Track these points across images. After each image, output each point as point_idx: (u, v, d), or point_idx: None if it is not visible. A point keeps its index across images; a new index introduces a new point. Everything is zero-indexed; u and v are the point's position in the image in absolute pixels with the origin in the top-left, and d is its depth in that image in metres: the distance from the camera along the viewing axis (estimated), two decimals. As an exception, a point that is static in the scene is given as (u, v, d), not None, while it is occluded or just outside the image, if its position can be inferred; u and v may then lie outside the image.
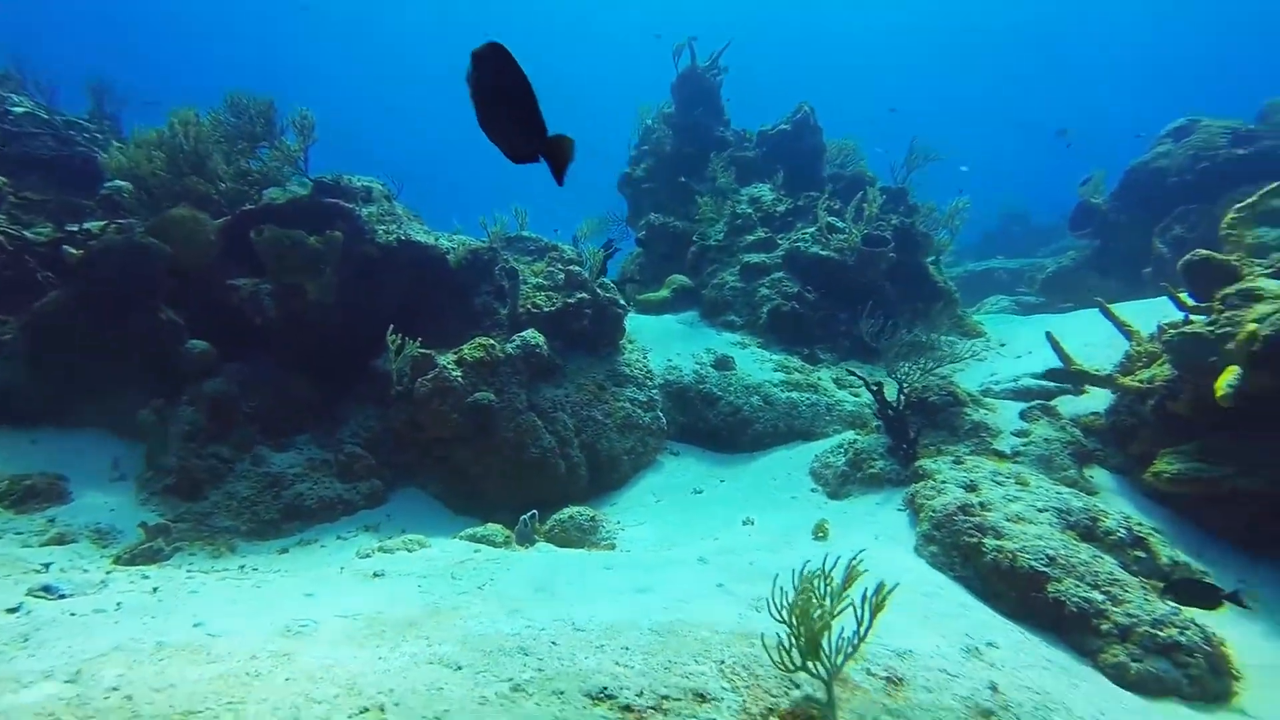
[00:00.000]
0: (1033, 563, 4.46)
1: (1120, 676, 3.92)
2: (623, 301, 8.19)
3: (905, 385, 6.79)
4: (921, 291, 10.18)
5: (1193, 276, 5.47)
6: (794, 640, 2.89)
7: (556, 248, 8.48)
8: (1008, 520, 4.87)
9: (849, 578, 3.12)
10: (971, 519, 4.90)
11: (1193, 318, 5.32)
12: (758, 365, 8.72)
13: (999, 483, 5.41)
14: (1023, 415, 6.79)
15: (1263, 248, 6.92)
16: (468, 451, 6.22)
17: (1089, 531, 4.91)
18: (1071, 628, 4.22)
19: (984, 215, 24.97)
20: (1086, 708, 3.60)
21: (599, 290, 7.81)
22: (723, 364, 8.47)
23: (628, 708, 2.81)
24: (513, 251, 8.57)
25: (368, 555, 4.33)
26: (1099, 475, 6.03)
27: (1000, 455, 6.23)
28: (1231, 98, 14.55)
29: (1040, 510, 5.01)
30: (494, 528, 5.37)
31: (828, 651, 2.95)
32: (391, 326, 6.05)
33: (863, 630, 2.98)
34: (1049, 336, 6.91)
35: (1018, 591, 4.45)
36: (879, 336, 7.73)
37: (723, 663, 3.20)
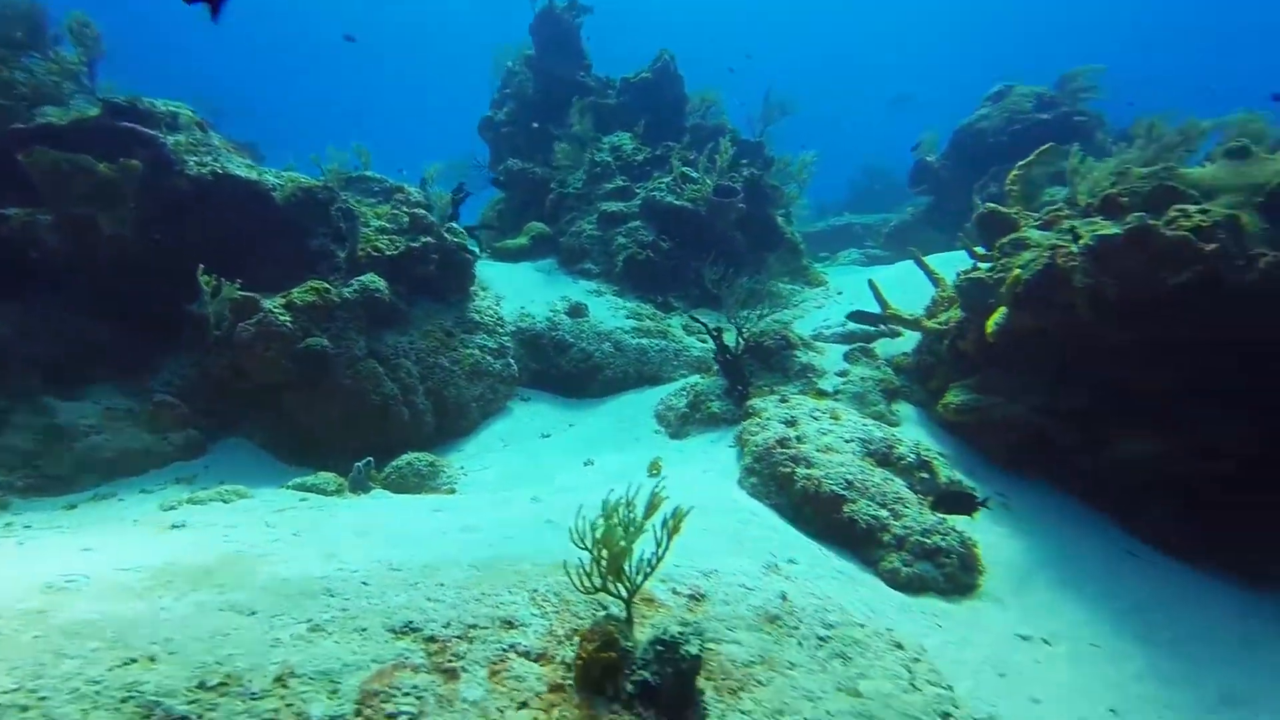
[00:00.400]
0: (834, 487, 4.97)
1: (894, 579, 4.51)
2: (473, 247, 8.02)
3: (744, 330, 7.19)
4: (769, 242, 10.70)
5: (983, 228, 6.15)
6: (595, 564, 3.09)
7: (402, 189, 8.10)
8: (818, 451, 5.37)
9: (651, 505, 3.34)
10: (787, 451, 5.35)
11: (979, 265, 6.00)
12: (611, 313, 8.89)
13: (815, 418, 5.92)
14: (846, 357, 7.42)
15: (1050, 204, 7.84)
16: (300, 399, 5.96)
17: (885, 458, 5.51)
18: (861, 542, 4.78)
19: (853, 172, 26.24)
20: (860, 606, 4.12)
21: (447, 235, 7.59)
22: (576, 311, 8.56)
23: (432, 639, 2.90)
24: (355, 193, 8.10)
25: (172, 508, 4.10)
26: (903, 409, 6.74)
27: (823, 394, 6.80)
28: (1049, 62, 16.01)
29: (847, 441, 5.56)
30: (326, 476, 5.23)
31: (629, 573, 3.18)
32: (202, 267, 5.58)
33: (660, 551, 3.23)
34: (870, 284, 7.53)
35: (821, 514, 4.95)
36: (720, 283, 8.09)
37: (536, 591, 3.37)
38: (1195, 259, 4.00)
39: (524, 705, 2.71)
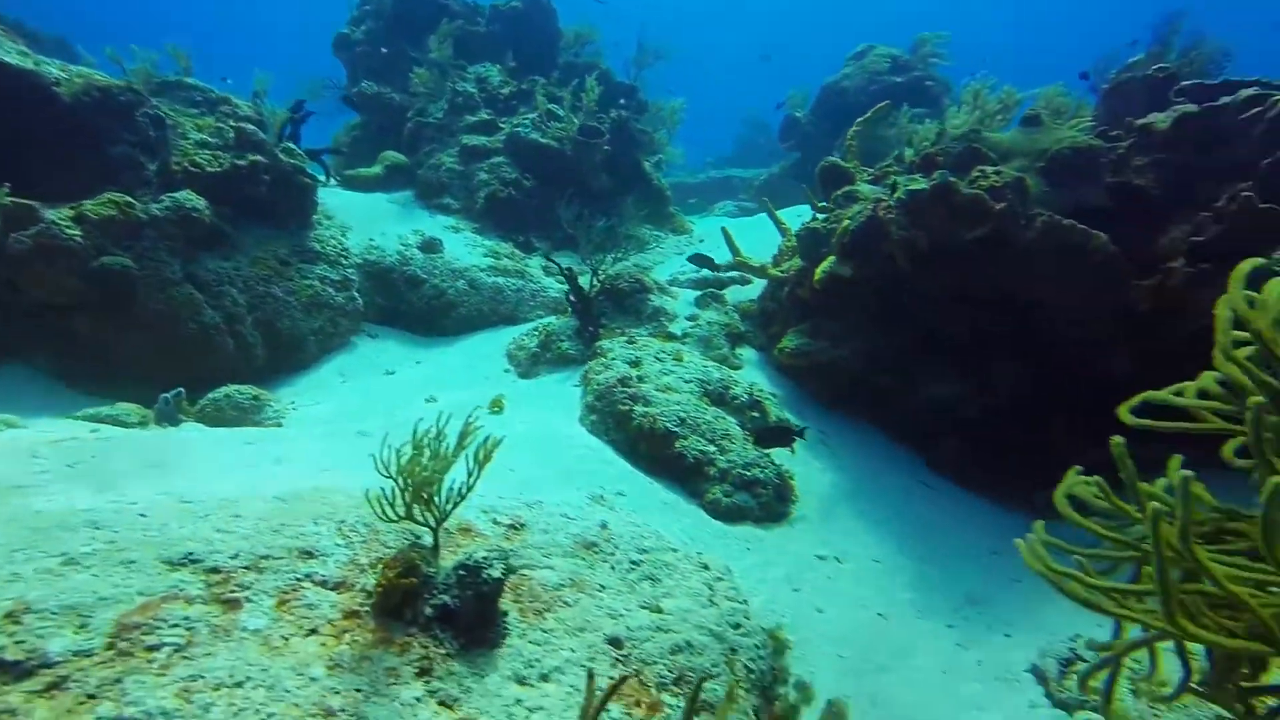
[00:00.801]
0: (668, 424, 5.16)
1: (715, 509, 4.80)
2: (315, 172, 7.42)
3: (599, 272, 7.20)
4: (635, 187, 10.70)
5: (823, 181, 6.46)
6: (400, 493, 3.03)
7: (229, 101, 7.31)
8: (658, 390, 5.54)
9: (463, 435, 3.31)
10: (628, 390, 5.48)
11: (818, 216, 6.32)
12: (468, 250, 8.60)
13: (659, 359, 6.08)
14: (696, 302, 7.64)
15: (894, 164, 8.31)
16: (98, 323, 5.35)
17: (721, 398, 5.78)
18: (689, 475, 5.02)
19: (739, 126, 26.43)
20: (679, 534, 4.36)
21: (281, 155, 6.96)
22: (430, 246, 8.21)
23: (215, 570, 2.76)
24: (173, 101, 7.20)
25: (-91, 441, 3.58)
26: (747, 353, 7.07)
27: (671, 337, 6.98)
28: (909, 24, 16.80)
29: (686, 381, 5.76)
30: (127, 407, 4.76)
31: (438, 502, 3.15)
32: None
33: (471, 481, 3.22)
34: (723, 231, 7.75)
35: (654, 449, 5.14)
36: (576, 224, 8.02)
37: (344, 523, 3.27)
38: (987, 216, 4.42)
39: (313, 632, 2.65)
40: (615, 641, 3.11)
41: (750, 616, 3.61)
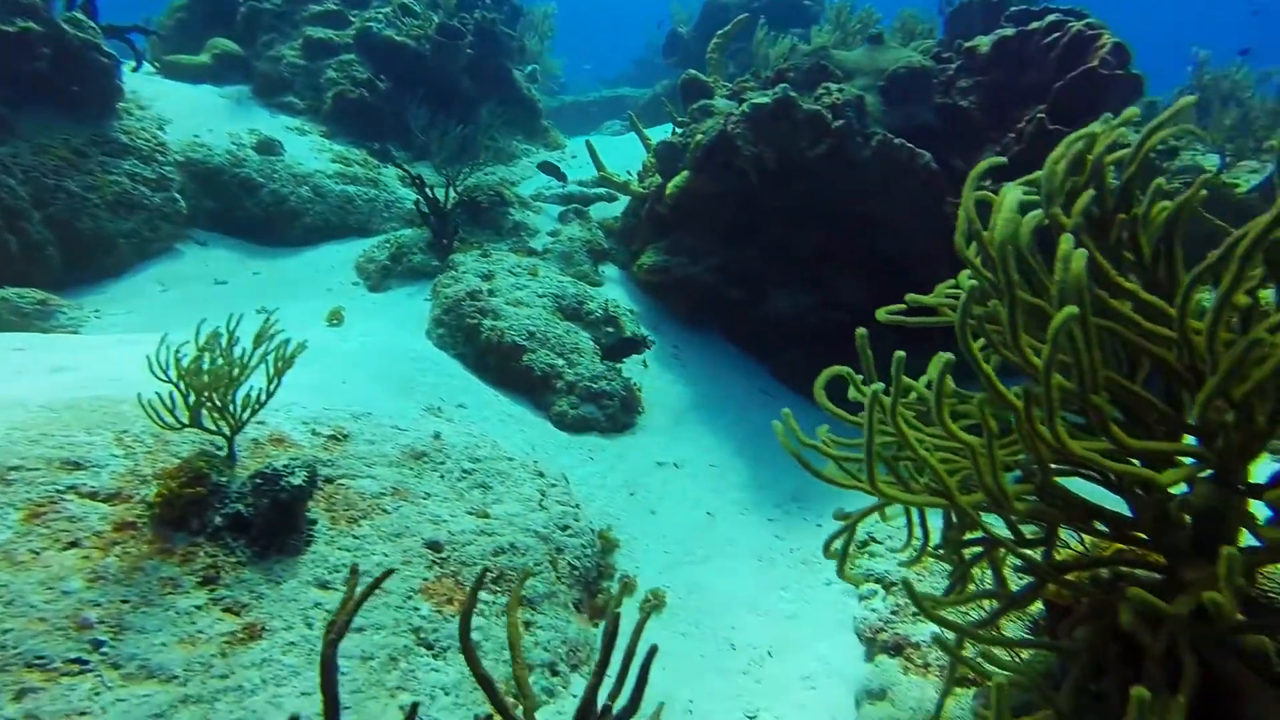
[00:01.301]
0: (516, 338, 5.05)
1: (561, 421, 4.80)
2: (112, 51, 6.43)
3: (455, 183, 6.82)
4: (505, 96, 10.13)
5: (685, 94, 6.34)
6: (180, 397, 2.78)
7: (-3, -45, 6.11)
8: (509, 305, 5.39)
9: (259, 337, 3.07)
10: (477, 303, 5.29)
11: (676, 130, 6.24)
12: (314, 154, 7.87)
13: (514, 274, 5.90)
14: (560, 217, 7.44)
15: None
16: None
17: (575, 313, 5.72)
18: (538, 388, 4.98)
19: (638, 45, 25.45)
20: (521, 444, 4.34)
21: (67, 27, 5.96)
22: (267, 148, 7.43)
23: (-58, 484, 2.44)
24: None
25: None
26: (609, 269, 7.01)
27: (532, 252, 6.79)
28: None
29: (540, 296, 5.64)
30: None
31: (233, 410, 2.92)
32: None
33: (271, 388, 3.01)
34: (588, 145, 7.51)
35: (502, 362, 5.03)
36: (429, 131, 7.52)
37: (126, 433, 2.98)
38: (827, 133, 4.50)
39: (74, 545, 2.42)
40: (434, 545, 3.08)
41: (580, 519, 3.68)
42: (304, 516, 2.89)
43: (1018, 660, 2.06)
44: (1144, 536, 1.69)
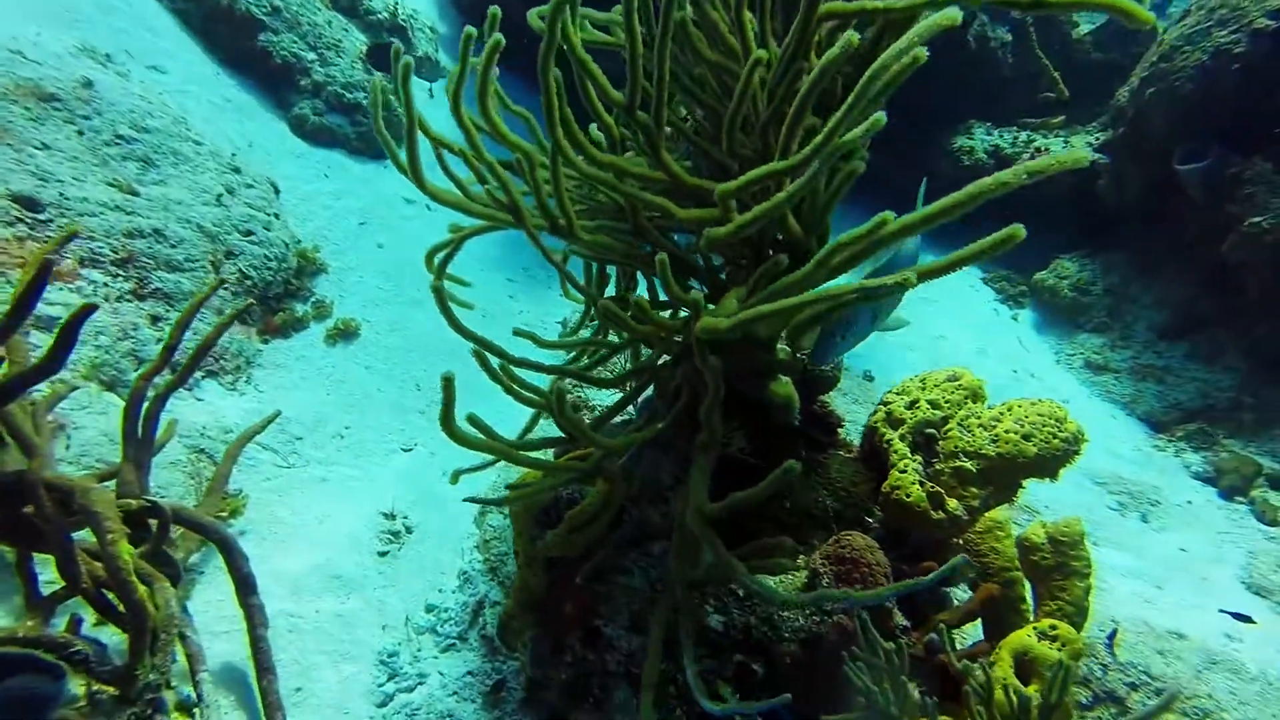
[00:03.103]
0: (253, 8, 4.02)
1: (300, 126, 4.03)
2: None
3: None
4: None
5: None
6: None
7: None
8: (256, -36, 4.23)
9: None
10: (210, -51, 4.09)
11: None
12: None
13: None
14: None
15: None
16: None
17: (350, 8, 4.69)
18: (278, 81, 4.09)
19: None
20: (233, 134, 3.57)
21: None
22: None
23: None
24: None
25: None
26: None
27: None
28: None
29: (307, -30, 4.50)
30: None
31: None
32: None
33: None
34: None
35: (235, 36, 4.03)
36: None
37: None
38: None
39: None
40: (29, 202, 2.41)
41: (274, 229, 3.14)
42: None
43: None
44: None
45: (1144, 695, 2.27)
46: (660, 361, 1.58)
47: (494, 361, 1.48)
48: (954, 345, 4.36)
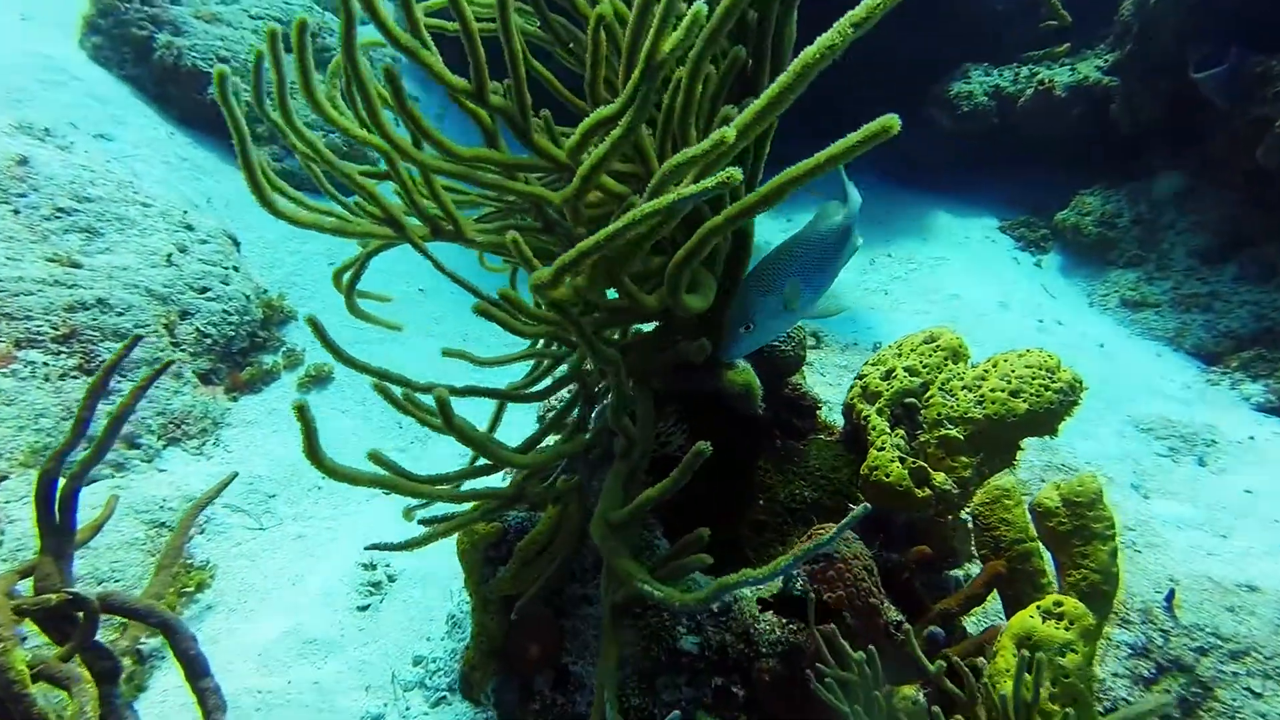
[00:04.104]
0: (200, 62, 3.95)
1: (259, 173, 3.93)
2: None
3: None
4: None
5: None
6: None
7: None
8: (197, 18, 4.18)
9: None
10: (150, 8, 4.04)
11: None
12: None
13: (223, -16, 4.57)
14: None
15: None
16: None
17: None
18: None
19: None
20: (190, 193, 3.49)
21: None
22: None
23: None
24: None
25: None
26: None
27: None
28: None
29: (253, 18, 4.43)
30: None
31: None
32: None
33: None
34: None
35: (184, 93, 3.97)
36: None
37: None
38: None
39: None
40: (-42, 291, 2.32)
41: (232, 282, 3.03)
42: None
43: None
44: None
45: (1215, 660, 1.98)
46: (585, 364, 1.39)
47: (395, 390, 1.31)
48: (971, 302, 4.05)
